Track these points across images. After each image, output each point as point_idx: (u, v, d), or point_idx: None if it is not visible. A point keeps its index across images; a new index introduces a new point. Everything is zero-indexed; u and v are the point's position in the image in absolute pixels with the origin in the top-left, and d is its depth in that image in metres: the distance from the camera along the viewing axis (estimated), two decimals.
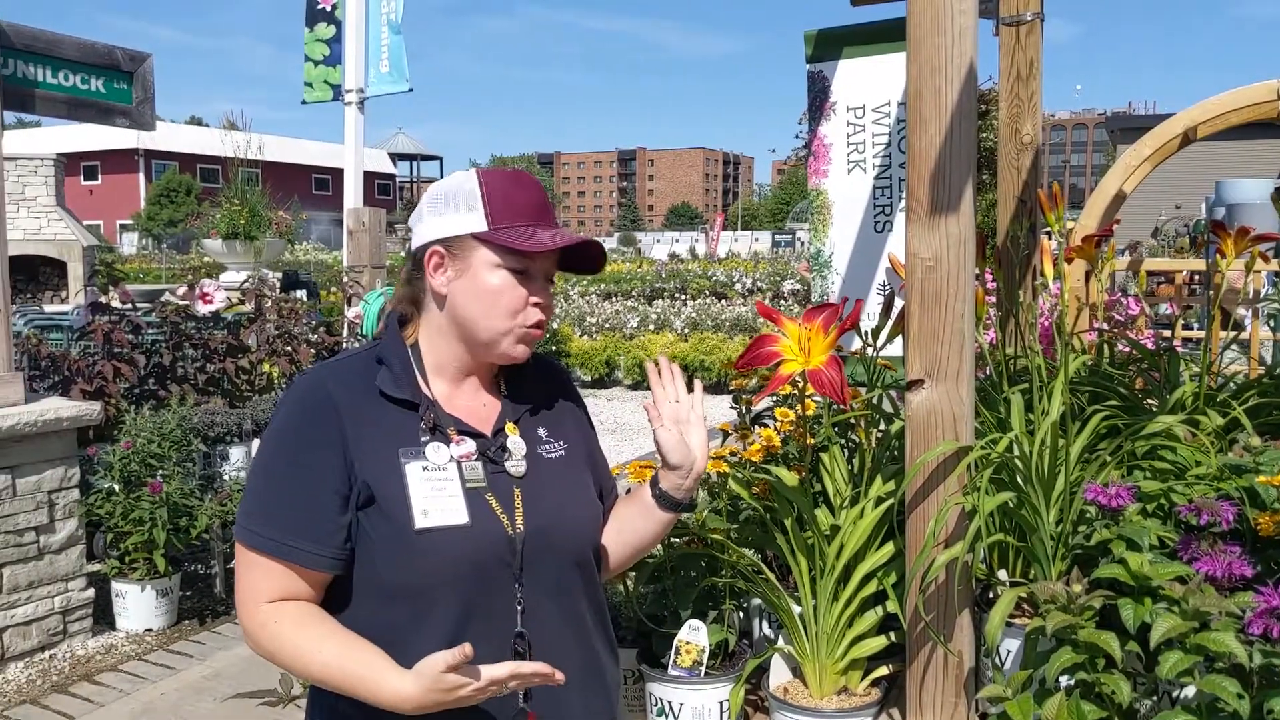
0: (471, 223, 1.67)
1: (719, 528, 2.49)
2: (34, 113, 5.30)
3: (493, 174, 1.72)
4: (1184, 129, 4.25)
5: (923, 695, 2.07)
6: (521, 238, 1.65)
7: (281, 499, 1.61)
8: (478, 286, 1.67)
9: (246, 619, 1.62)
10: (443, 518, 1.60)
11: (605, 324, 16.35)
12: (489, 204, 1.67)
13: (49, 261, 18.13)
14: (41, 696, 4.40)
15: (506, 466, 1.70)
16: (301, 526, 1.59)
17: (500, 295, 1.66)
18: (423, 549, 1.59)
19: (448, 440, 1.67)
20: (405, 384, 1.69)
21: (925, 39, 1.92)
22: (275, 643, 1.59)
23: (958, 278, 1.95)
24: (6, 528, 4.55)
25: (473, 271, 1.67)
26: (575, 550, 1.74)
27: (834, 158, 3.32)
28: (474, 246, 1.67)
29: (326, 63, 9.58)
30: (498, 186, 1.69)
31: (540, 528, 1.68)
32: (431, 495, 1.61)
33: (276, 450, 1.65)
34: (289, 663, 1.60)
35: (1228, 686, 1.56)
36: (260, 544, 1.60)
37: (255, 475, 1.67)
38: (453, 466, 1.65)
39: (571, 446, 1.82)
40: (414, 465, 1.63)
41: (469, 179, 1.71)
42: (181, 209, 46.64)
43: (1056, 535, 2.01)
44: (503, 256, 1.66)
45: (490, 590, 1.61)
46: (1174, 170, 20.30)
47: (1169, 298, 6.15)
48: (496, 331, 1.68)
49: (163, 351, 6.55)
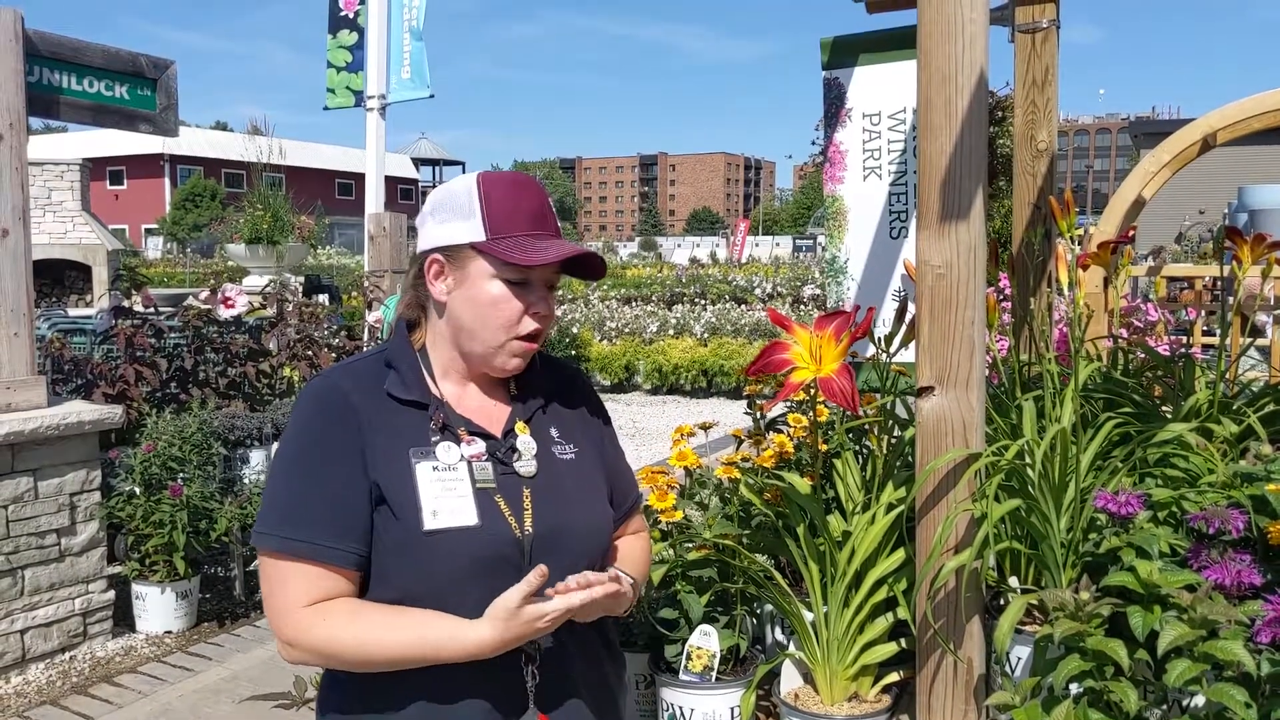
0: (470, 232, 1.66)
1: (730, 533, 2.50)
2: (59, 119, 5.36)
3: (492, 180, 1.70)
4: (1203, 135, 4.24)
5: (932, 702, 2.07)
6: (519, 249, 1.64)
7: (310, 501, 1.60)
8: (475, 297, 1.66)
9: (288, 627, 1.59)
10: (452, 519, 1.61)
11: (625, 329, 16.35)
12: (487, 213, 1.66)
13: (74, 265, 18.32)
14: (61, 697, 4.43)
15: (516, 467, 1.70)
16: (333, 526, 1.58)
17: (496, 307, 1.66)
18: (431, 550, 1.59)
19: (458, 440, 1.68)
20: (414, 386, 1.69)
21: (936, 48, 1.93)
22: (331, 641, 1.57)
23: (968, 285, 1.95)
24: (28, 530, 4.60)
25: (470, 282, 1.67)
26: (584, 552, 1.74)
27: (850, 164, 3.33)
28: (472, 256, 1.66)
29: (349, 69, 9.64)
30: (496, 194, 1.67)
31: (549, 530, 1.68)
32: (441, 496, 1.62)
33: (299, 454, 1.64)
34: (351, 656, 1.57)
35: (1236, 695, 1.56)
36: (293, 548, 1.58)
37: (277, 480, 1.66)
38: (463, 466, 1.65)
39: (584, 448, 1.81)
40: (424, 465, 1.63)
41: (469, 185, 1.69)
42: (206, 213, 46.96)
43: (1067, 542, 2.01)
44: (500, 268, 1.65)
45: (499, 591, 1.60)
46: (1201, 175, 20.16)
47: (1189, 303, 6.11)
48: (491, 344, 1.68)
49: (184, 355, 6.59)
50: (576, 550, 1.73)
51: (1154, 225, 25.46)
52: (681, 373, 13.74)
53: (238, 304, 6.85)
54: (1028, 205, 3.22)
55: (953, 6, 1.91)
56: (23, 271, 4.67)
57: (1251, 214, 11.23)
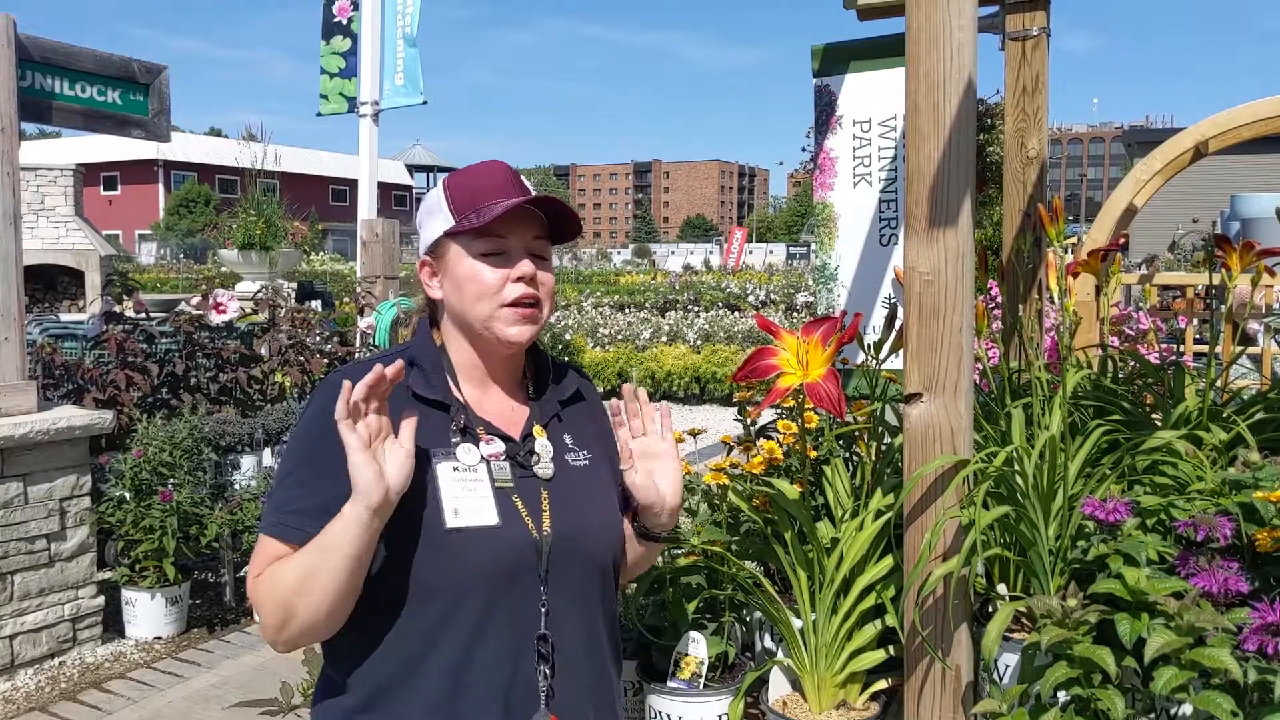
0: (442, 224, 1.72)
1: (719, 540, 2.50)
2: (51, 124, 5.35)
3: (456, 173, 1.78)
4: (1194, 143, 4.24)
5: (920, 710, 2.07)
6: (476, 216, 1.68)
7: (307, 491, 1.61)
8: (456, 278, 1.71)
9: (253, 596, 1.61)
10: (473, 518, 1.61)
11: (618, 335, 16.34)
12: (452, 201, 1.72)
13: (67, 271, 18.28)
14: (50, 704, 4.42)
15: (535, 470, 1.71)
16: (325, 517, 1.56)
17: (475, 280, 1.69)
18: (453, 548, 1.59)
19: (477, 441, 1.69)
20: (438, 385, 1.71)
21: (924, 55, 1.93)
22: (274, 584, 1.57)
23: (956, 291, 1.95)
24: (18, 535, 4.58)
25: (450, 267, 1.72)
26: (599, 557, 1.75)
27: (840, 171, 3.33)
28: (447, 244, 1.72)
29: (342, 75, 9.64)
30: (457, 181, 1.75)
31: (566, 533, 1.69)
32: (462, 495, 1.62)
33: (306, 441, 1.66)
34: (288, 584, 1.56)
35: (1222, 703, 1.56)
36: (279, 531, 1.60)
37: (285, 467, 1.67)
38: (482, 467, 1.66)
39: (596, 456, 1.83)
40: (445, 465, 1.64)
41: (437, 188, 1.77)
42: (200, 219, 46.93)
43: (1055, 549, 2.01)
44: (469, 244, 1.70)
45: (516, 592, 1.62)
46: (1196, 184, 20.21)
47: (1181, 312, 6.12)
48: (483, 316, 1.70)
49: (176, 361, 6.58)
50: (592, 553, 1.74)
51: (1148, 234, 25.54)
52: (674, 380, 13.74)
53: (230, 309, 6.85)
54: (1018, 213, 3.22)
55: (941, 14, 1.91)
56: (13, 276, 4.66)
57: (1243, 222, 11.27)
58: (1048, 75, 3.17)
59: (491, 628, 1.60)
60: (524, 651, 1.62)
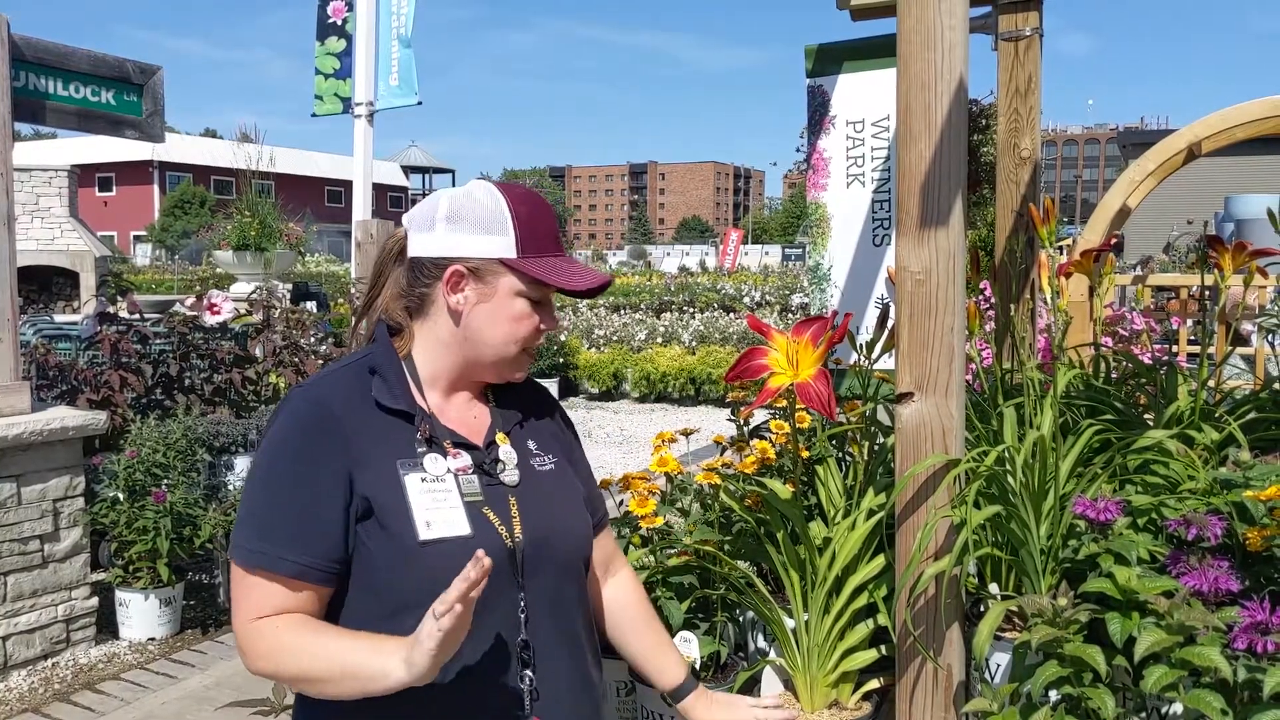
0: (501, 248, 1.67)
1: (711, 540, 2.50)
2: (44, 124, 5.34)
3: (516, 197, 1.70)
4: (1188, 144, 4.25)
5: (912, 708, 2.07)
6: (555, 272, 1.68)
7: (279, 515, 1.59)
8: (499, 312, 1.69)
9: (241, 638, 1.59)
10: (445, 529, 1.60)
11: (613, 336, 16.35)
12: (519, 231, 1.67)
13: (62, 272, 18.26)
14: (44, 705, 4.41)
15: (501, 477, 1.72)
16: (299, 541, 1.57)
17: (519, 322, 1.70)
18: (428, 561, 1.58)
19: (444, 452, 1.68)
20: (401, 395, 1.69)
21: (915, 55, 1.93)
22: (273, 654, 1.56)
23: (947, 291, 1.95)
24: (11, 536, 4.58)
25: (497, 297, 1.68)
26: (571, 560, 1.76)
27: (833, 171, 3.33)
28: (501, 272, 1.68)
29: (337, 76, 9.64)
30: (524, 212, 1.69)
31: (538, 538, 1.69)
32: (432, 507, 1.61)
33: (275, 464, 1.62)
34: (289, 673, 1.57)
35: (1212, 701, 1.56)
36: (255, 561, 1.57)
37: (252, 493, 1.65)
38: (450, 478, 1.66)
39: (560, 459, 1.85)
40: (413, 477, 1.62)
41: (493, 199, 1.69)
42: (195, 220, 46.86)
43: (1046, 549, 2.01)
44: (529, 286, 1.68)
45: (493, 600, 1.61)
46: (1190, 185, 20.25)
47: (1175, 312, 6.13)
48: (505, 356, 1.71)
49: (170, 362, 6.57)
50: (564, 556, 1.75)
51: (1143, 235, 25.55)
52: (670, 381, 13.75)
53: (224, 310, 6.84)
54: (1011, 213, 3.22)
55: (932, 14, 1.91)
56: (6, 278, 4.65)
57: (1237, 224, 11.29)
58: (1040, 76, 3.17)
59: (471, 638, 1.57)
60: (506, 658, 1.62)
